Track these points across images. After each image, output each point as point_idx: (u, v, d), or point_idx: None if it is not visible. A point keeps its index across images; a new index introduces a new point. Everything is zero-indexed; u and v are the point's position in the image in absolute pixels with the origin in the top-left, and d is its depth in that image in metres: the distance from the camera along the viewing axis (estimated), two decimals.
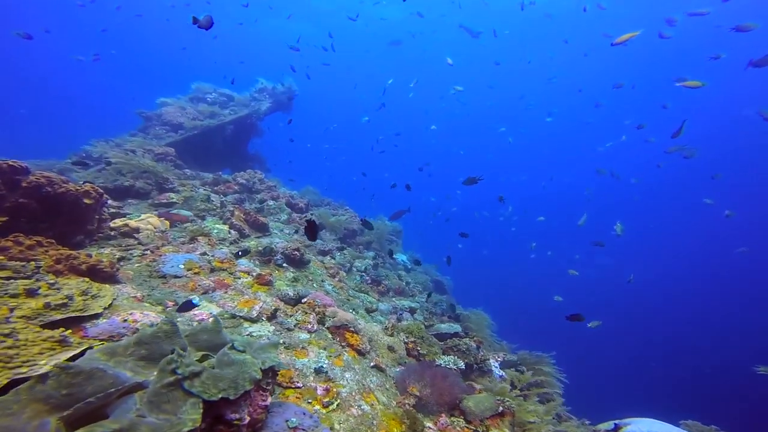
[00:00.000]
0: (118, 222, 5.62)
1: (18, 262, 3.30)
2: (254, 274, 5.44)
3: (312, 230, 4.28)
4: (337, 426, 3.34)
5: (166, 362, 2.09)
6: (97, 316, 3.19)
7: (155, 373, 2.28)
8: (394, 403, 4.13)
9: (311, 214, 9.19)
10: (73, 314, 2.96)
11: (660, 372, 26.73)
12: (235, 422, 2.28)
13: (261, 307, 4.55)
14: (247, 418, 2.35)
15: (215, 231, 6.30)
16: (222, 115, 13.01)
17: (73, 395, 1.89)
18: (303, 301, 5.23)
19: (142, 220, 5.83)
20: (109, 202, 6.03)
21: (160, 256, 4.98)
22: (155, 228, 5.79)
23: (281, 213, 8.70)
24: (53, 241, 4.04)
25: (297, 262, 6.41)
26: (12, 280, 3.00)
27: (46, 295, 2.96)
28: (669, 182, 42.20)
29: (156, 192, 7.72)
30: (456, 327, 7.31)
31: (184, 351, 2.52)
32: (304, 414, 3.00)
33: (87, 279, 3.47)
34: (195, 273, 4.88)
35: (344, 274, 7.61)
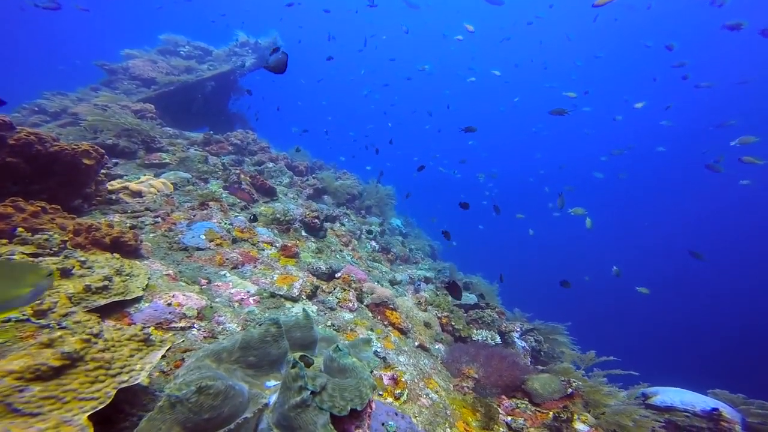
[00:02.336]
0: (115, 184, 4.89)
1: (40, 236, 2.67)
2: (278, 245, 4.93)
3: (455, 290, 4.51)
4: (414, 420, 3.03)
5: (292, 379, 1.69)
6: (137, 299, 2.66)
7: (270, 384, 1.87)
8: (452, 386, 3.87)
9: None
10: (116, 298, 2.42)
11: (684, 342, 28.06)
12: None
13: (301, 284, 4.09)
14: None
15: (224, 195, 5.66)
16: (200, 70, 11.82)
17: (213, 419, 1.56)
18: (337, 275, 4.80)
19: (143, 182, 5.11)
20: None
21: (175, 224, 4.36)
22: (158, 191, 5.10)
23: (282, 176, 8.05)
24: (59, 207, 3.36)
25: (316, 230, 5.91)
26: (40, 258, 2.39)
27: (81, 276, 2.38)
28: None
29: (143, 152, 6.88)
30: (472, 297, 7.14)
31: (287, 354, 2.12)
32: (396, 414, 2.70)
33: (117, 255, 2.88)
34: (218, 244, 4.32)
35: (356, 242, 7.19)
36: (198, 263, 3.82)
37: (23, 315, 2.00)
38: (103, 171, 5.26)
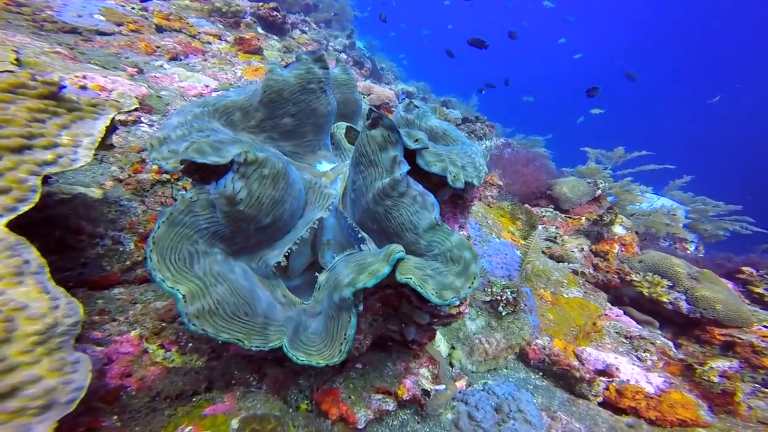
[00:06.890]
0: None
1: None
2: (228, 38, 3.39)
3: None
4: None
5: (378, 146, 0.92)
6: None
7: (321, 166, 1.33)
8: None
9: None
10: None
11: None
12: None
13: None
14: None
15: None
16: None
17: (273, 225, 0.91)
18: None
19: None
20: None
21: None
22: None
23: None
24: None
25: (276, 27, 4.27)
26: None
27: None
28: None
29: None
30: (456, 113, 6.33)
31: (332, 120, 1.46)
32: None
33: None
34: (133, 30, 2.75)
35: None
36: (109, 49, 2.34)
37: None
38: None
